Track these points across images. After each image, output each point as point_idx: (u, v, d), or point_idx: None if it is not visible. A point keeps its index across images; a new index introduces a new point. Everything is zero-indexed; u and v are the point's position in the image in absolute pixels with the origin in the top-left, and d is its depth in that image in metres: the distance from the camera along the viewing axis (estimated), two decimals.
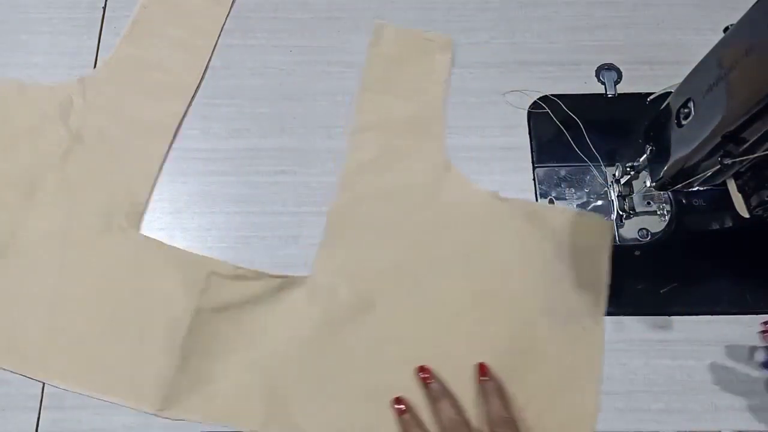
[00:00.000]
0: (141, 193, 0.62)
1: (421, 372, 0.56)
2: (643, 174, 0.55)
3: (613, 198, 0.62)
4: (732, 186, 0.51)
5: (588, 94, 0.67)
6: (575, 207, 0.62)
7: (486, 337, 0.58)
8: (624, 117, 0.65)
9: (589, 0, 0.71)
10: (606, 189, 0.63)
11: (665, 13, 0.70)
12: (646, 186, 0.55)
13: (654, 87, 0.61)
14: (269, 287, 0.59)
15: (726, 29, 0.45)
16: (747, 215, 0.50)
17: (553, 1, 0.71)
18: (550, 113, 0.65)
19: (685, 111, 0.49)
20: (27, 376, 0.56)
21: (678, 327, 0.59)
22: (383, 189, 0.62)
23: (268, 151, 0.65)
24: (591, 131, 0.64)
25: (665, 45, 0.69)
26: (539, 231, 0.60)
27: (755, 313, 0.59)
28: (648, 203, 0.61)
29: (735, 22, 0.44)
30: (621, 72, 0.67)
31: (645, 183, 0.55)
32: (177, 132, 0.65)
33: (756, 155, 0.45)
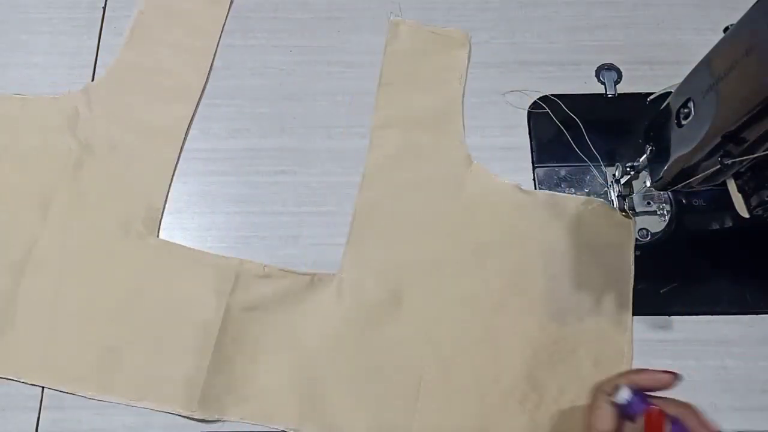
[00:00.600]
0: (156, 199, 0.62)
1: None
2: (643, 174, 0.55)
3: (613, 198, 0.61)
4: (732, 186, 0.51)
5: (588, 94, 0.67)
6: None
7: (516, 329, 0.58)
8: (624, 117, 0.65)
9: (589, 0, 0.71)
10: (606, 189, 0.63)
11: (665, 13, 0.70)
12: (646, 186, 0.55)
13: (654, 87, 0.61)
14: (298, 285, 0.59)
15: (726, 29, 0.45)
16: (747, 215, 0.50)
17: (553, 1, 0.71)
18: (550, 113, 0.65)
19: (685, 111, 0.49)
20: (62, 390, 0.56)
21: (678, 327, 0.59)
22: (407, 184, 0.63)
23: (268, 151, 0.65)
24: (591, 131, 0.64)
25: (665, 45, 0.69)
26: (563, 222, 0.61)
27: (755, 313, 0.59)
28: (648, 203, 0.61)
29: (735, 22, 0.44)
30: (621, 72, 0.67)
31: (645, 183, 0.55)
32: (187, 134, 0.65)
33: (756, 155, 0.45)
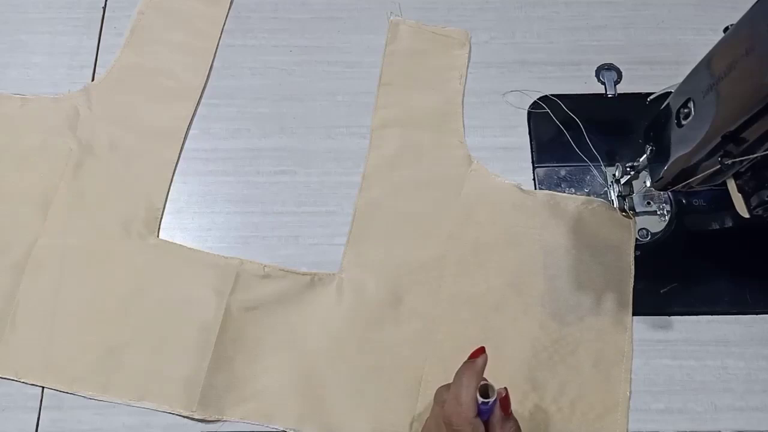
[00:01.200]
0: (157, 199, 0.62)
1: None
2: (643, 174, 0.55)
3: (613, 198, 0.61)
4: (732, 186, 0.51)
5: (588, 94, 0.67)
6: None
7: (516, 329, 0.58)
8: (624, 117, 0.65)
9: (589, 0, 0.71)
10: (606, 189, 0.63)
11: (665, 13, 0.70)
12: (646, 186, 0.55)
13: (654, 87, 0.61)
14: (298, 285, 0.59)
15: (726, 29, 0.45)
16: (747, 215, 0.50)
17: (553, 1, 0.71)
18: (550, 113, 0.65)
19: (685, 111, 0.48)
20: (62, 390, 0.56)
21: (678, 327, 0.59)
22: (407, 184, 0.63)
23: (268, 151, 0.65)
24: (591, 131, 0.64)
25: (665, 45, 0.69)
26: (563, 222, 0.61)
27: (755, 313, 0.59)
28: (648, 203, 0.61)
29: (735, 22, 0.44)
30: (621, 72, 0.67)
31: (645, 183, 0.55)
32: (187, 135, 0.65)
33: (756, 155, 0.45)
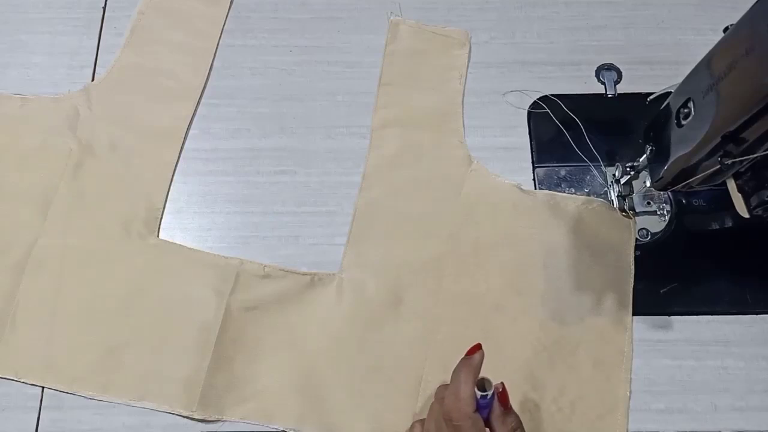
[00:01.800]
0: (157, 199, 0.62)
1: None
2: (643, 174, 0.55)
3: (613, 198, 0.61)
4: (732, 186, 0.51)
5: (588, 94, 0.67)
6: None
7: (516, 329, 0.58)
8: (624, 117, 0.65)
9: (589, 0, 0.71)
10: (606, 189, 0.63)
11: (665, 13, 0.70)
12: (646, 186, 0.55)
13: (654, 87, 0.61)
14: (298, 285, 0.59)
15: (726, 29, 0.45)
16: (747, 215, 0.50)
17: (553, 1, 0.71)
18: (550, 113, 0.65)
19: (685, 111, 0.48)
20: (62, 390, 0.56)
21: (678, 327, 0.59)
22: (407, 184, 0.63)
23: (268, 151, 0.65)
24: (591, 131, 0.64)
25: (665, 45, 0.69)
26: (563, 222, 0.61)
27: (755, 313, 0.59)
28: (648, 203, 0.61)
29: (735, 22, 0.44)
30: (621, 72, 0.67)
31: (645, 183, 0.55)
32: (187, 135, 0.65)
33: (756, 155, 0.45)
